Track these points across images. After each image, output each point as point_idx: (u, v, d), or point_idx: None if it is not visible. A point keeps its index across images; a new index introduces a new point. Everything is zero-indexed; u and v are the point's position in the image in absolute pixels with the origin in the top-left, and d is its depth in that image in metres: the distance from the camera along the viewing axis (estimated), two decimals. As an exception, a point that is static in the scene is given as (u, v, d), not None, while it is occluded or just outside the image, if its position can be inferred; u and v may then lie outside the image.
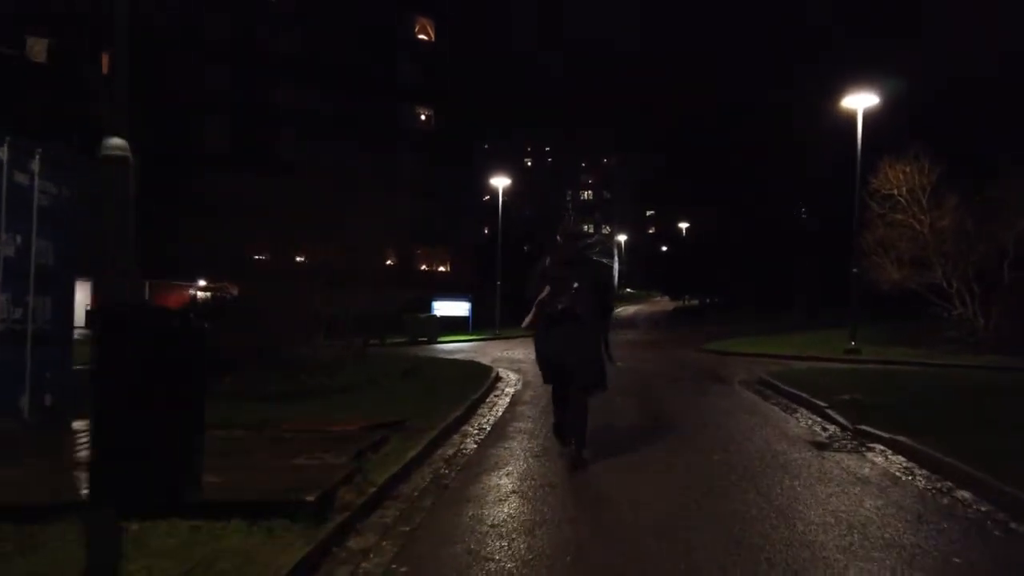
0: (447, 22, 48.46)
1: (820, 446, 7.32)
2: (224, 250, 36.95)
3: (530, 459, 6.67)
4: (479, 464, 6.50)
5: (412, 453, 6.24)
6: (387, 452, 6.22)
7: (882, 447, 7.23)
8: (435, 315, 26.83)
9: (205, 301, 35.39)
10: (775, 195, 37.67)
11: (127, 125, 5.53)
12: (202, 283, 38.46)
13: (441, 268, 50.00)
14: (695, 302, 48.00)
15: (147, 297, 40.44)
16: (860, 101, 16.95)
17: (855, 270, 17.27)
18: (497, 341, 25.53)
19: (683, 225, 50.78)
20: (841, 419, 8.57)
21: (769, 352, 17.71)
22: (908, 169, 17.88)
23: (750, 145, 38.12)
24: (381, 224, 43.68)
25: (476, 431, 8.16)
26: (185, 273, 37.09)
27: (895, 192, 18.17)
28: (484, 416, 9.19)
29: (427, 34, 49.33)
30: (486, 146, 66.24)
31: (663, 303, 60.53)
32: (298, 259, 43.53)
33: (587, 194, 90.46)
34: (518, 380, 13.17)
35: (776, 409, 9.81)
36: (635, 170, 75.09)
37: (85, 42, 37.08)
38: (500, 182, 28.82)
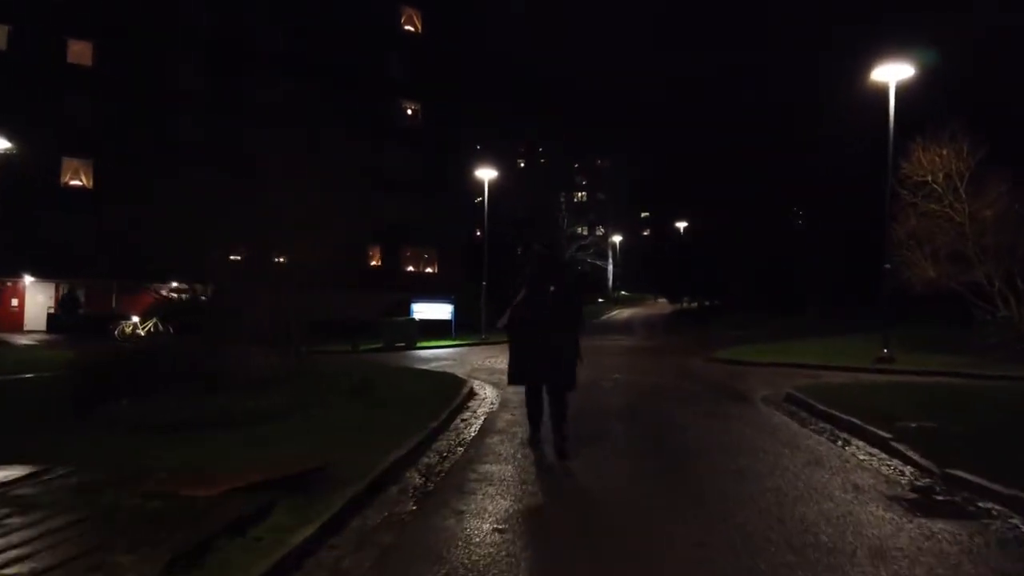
0: (436, 14, 46.24)
1: (913, 506, 5.09)
2: (198, 250, 34.96)
3: (488, 537, 4.40)
4: (410, 547, 4.24)
5: (299, 537, 3.97)
6: (258, 535, 3.95)
7: (998, 507, 5.03)
8: (413, 318, 24.46)
9: (175, 303, 33.37)
10: (783, 191, 35.47)
11: None
12: (174, 284, 36.24)
13: (428, 269, 47.76)
14: (694, 305, 45.68)
15: (114, 299, 38.20)
16: (893, 73, 14.75)
17: (887, 266, 15.04)
18: (481, 347, 23.24)
19: (681, 224, 48.44)
20: (918, 458, 6.35)
21: (788, 361, 15.46)
22: (944, 152, 15.70)
23: (754, 141, 36.00)
24: (366, 223, 41.47)
25: (422, 479, 5.88)
26: (156, 274, 34.83)
27: (929, 178, 15.99)
28: (442, 452, 6.91)
29: (414, 26, 47.08)
30: (478, 147, 64.07)
31: (660, 306, 58.28)
32: (277, 259, 41.33)
33: (581, 195, 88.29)
34: (496, 397, 10.90)
35: (823, 440, 7.57)
36: (630, 171, 72.87)
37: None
38: (486, 174, 26.54)
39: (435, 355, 20.57)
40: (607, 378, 13.25)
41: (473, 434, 7.78)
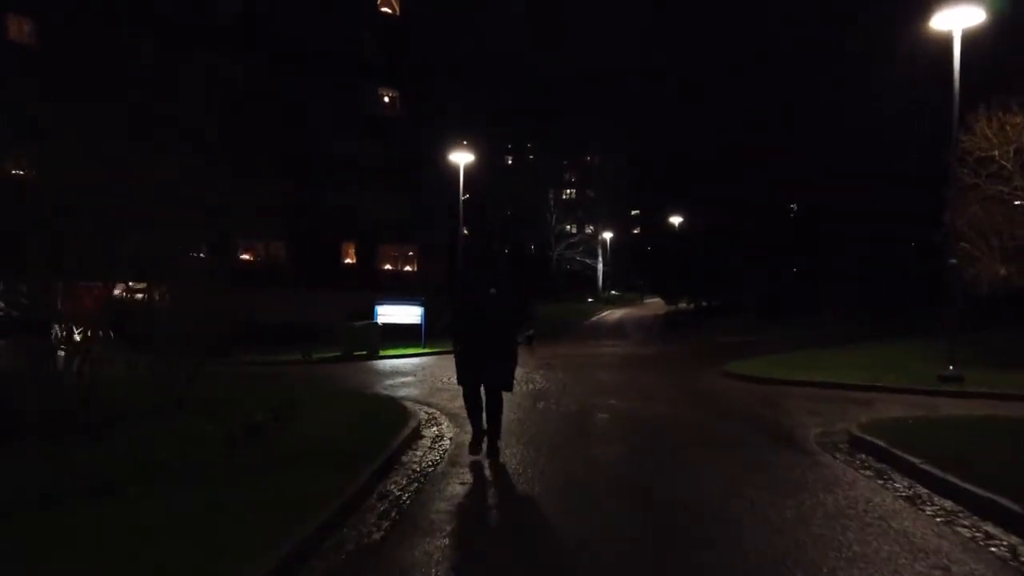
0: (419, -1, 42.88)
1: None
2: (155, 247, 31.68)
3: None
4: None
5: None
6: None
7: None
8: (376, 323, 21.19)
9: (118, 306, 30.36)
10: (793, 186, 32.46)
11: None
12: (129, 285, 32.96)
13: (408, 268, 44.57)
14: (690, 305, 42.43)
15: (59, 301, 34.84)
16: (959, 18, 11.79)
17: (953, 261, 12.00)
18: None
19: (676, 219, 45.03)
20: None
21: (825, 380, 12.39)
22: (1018, 120, 12.75)
23: (763, 135, 32.98)
24: (339, 218, 38.08)
25: None
26: (110, 273, 31.59)
27: (995, 155, 13.04)
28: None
29: (392, 8, 43.81)
30: (464, 142, 60.43)
31: (653, 306, 55.13)
32: (243, 257, 37.87)
33: (570, 192, 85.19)
34: (452, 439, 7.86)
35: (965, 538, 4.53)
36: (621, 168, 69.93)
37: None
38: (462, 158, 23.38)
39: (397, 367, 17.42)
40: (600, 405, 10.20)
41: (379, 536, 4.64)
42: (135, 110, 31.41)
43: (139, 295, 18.82)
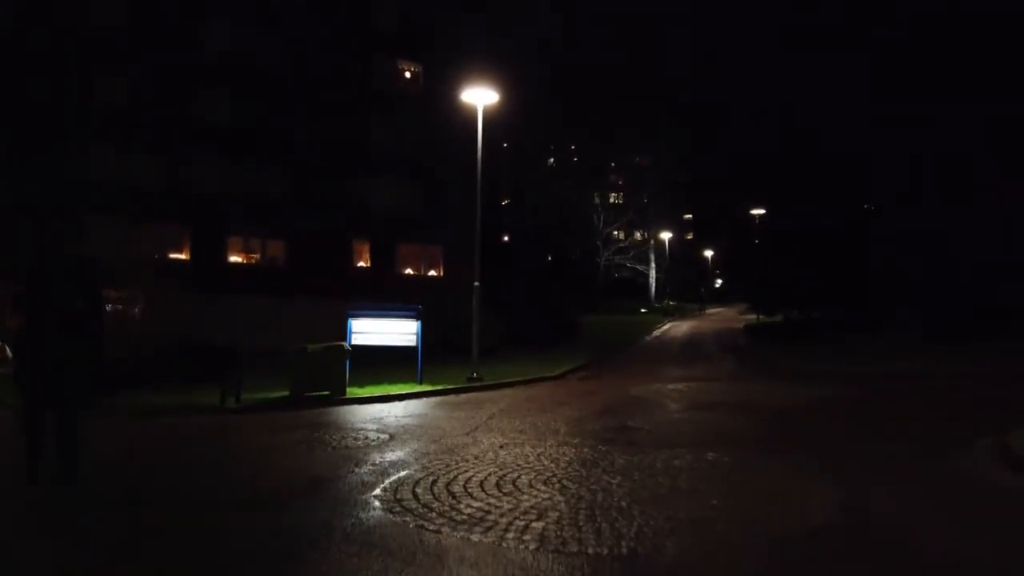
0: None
1: None
2: (130, 248, 24.07)
3: None
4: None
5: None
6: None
7: None
8: (343, 346, 13.20)
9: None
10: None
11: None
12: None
13: (432, 272, 37.34)
14: (778, 317, 33.33)
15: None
16: None
17: None
18: (471, 397, 12.54)
19: (758, 211, 36.40)
20: None
21: None
22: None
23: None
24: (351, 214, 30.97)
25: None
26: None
27: None
28: None
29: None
30: (504, 145, 53.35)
31: (719, 317, 46.83)
32: (232, 259, 31.04)
33: (618, 195, 77.49)
34: None
35: None
36: (673, 169, 62.15)
37: None
38: (480, 97, 15.61)
39: (360, 426, 9.70)
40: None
41: None
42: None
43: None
